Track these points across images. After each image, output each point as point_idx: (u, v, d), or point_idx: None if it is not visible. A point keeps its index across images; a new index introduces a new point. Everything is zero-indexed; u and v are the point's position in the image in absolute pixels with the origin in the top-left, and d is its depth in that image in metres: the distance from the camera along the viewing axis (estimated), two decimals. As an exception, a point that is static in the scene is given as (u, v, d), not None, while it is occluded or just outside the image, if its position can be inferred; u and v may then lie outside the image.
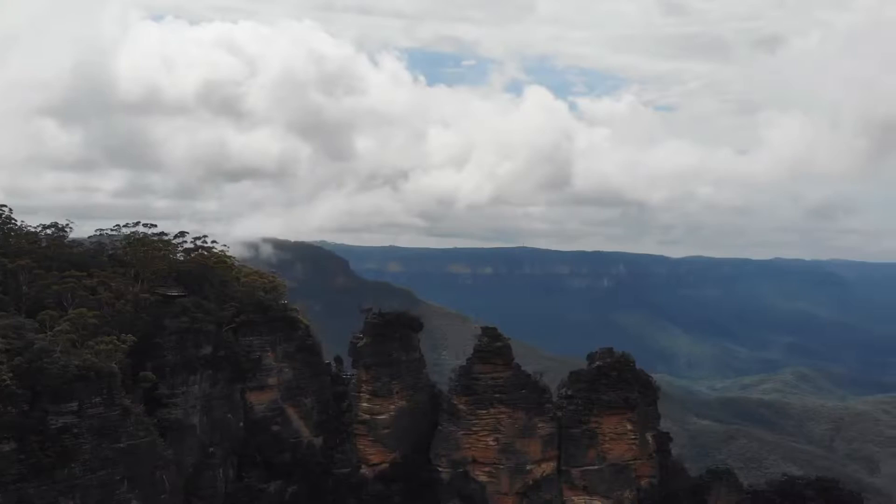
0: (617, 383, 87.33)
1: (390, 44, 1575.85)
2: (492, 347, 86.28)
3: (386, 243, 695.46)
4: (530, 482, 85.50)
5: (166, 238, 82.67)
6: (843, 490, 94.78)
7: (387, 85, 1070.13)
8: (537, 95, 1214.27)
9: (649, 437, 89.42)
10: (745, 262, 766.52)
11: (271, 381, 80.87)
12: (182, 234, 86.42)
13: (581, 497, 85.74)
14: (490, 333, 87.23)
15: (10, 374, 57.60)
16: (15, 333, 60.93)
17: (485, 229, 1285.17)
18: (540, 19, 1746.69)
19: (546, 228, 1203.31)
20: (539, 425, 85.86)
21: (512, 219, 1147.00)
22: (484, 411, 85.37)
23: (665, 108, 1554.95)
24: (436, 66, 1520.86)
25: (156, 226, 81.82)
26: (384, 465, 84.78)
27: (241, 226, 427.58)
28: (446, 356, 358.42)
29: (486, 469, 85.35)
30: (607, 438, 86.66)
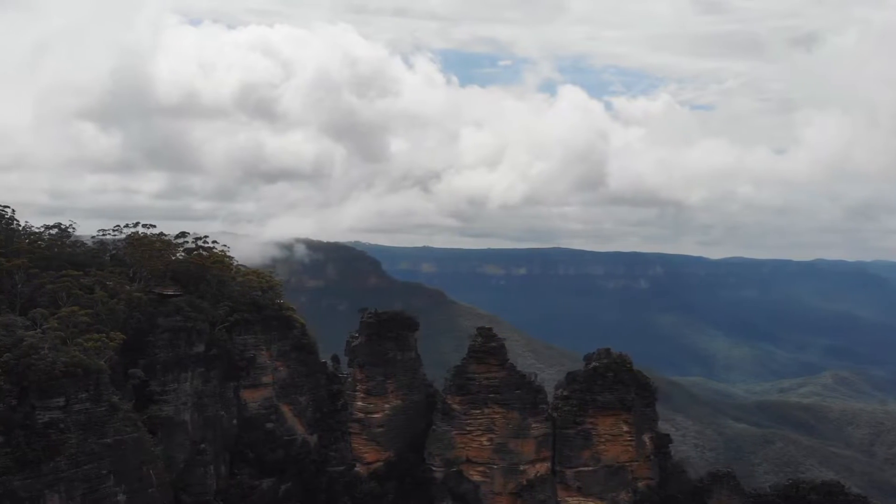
0: (613, 384, 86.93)
1: (425, 45, 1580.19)
2: (486, 347, 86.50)
3: (420, 244, 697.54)
4: (524, 482, 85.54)
5: (166, 238, 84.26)
6: (849, 495, 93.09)
7: (421, 86, 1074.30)
8: (572, 95, 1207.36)
9: (647, 438, 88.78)
10: (786, 263, 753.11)
11: (266, 379, 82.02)
12: (183, 234, 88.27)
13: (575, 498, 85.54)
14: (484, 333, 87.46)
15: (-1, 371, 59.49)
16: (5, 330, 62.74)
17: (519, 230, 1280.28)
18: (573, 19, 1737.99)
19: (582, 229, 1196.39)
20: (533, 426, 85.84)
21: (547, 219, 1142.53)
22: (478, 411, 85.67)
23: (702, 107, 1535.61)
24: (471, 67, 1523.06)
25: (154, 226, 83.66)
26: (378, 464, 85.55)
27: (275, 226, 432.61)
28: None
29: (480, 469, 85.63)
30: (603, 439, 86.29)
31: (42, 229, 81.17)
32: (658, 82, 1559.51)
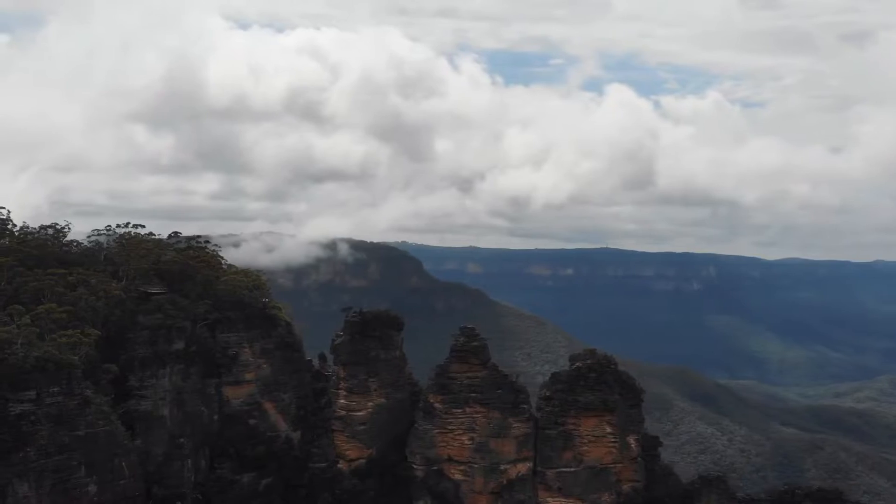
0: (595, 385, 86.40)
1: (472, 46, 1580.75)
2: (468, 347, 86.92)
3: (468, 244, 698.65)
4: (504, 482, 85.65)
5: (156, 238, 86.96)
6: (846, 501, 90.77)
7: (466, 86, 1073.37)
8: (619, 93, 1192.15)
9: (632, 440, 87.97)
10: (843, 265, 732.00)
11: (248, 376, 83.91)
12: (175, 234, 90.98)
13: (556, 499, 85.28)
14: (467, 333, 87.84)
15: (-28, 364, 62.40)
16: (-19, 326, 65.83)
17: (568, 230, 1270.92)
18: (620, 16, 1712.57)
19: (633, 229, 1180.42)
20: (514, 425, 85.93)
21: (596, 219, 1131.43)
22: (459, 410, 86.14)
23: (756, 104, 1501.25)
24: (522, 66, 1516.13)
25: (144, 226, 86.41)
26: (360, 461, 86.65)
27: (319, 226, 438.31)
28: (518, 357, 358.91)
29: (461, 468, 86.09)
30: (585, 440, 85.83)
31: (37, 230, 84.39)
32: (713, 79, 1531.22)
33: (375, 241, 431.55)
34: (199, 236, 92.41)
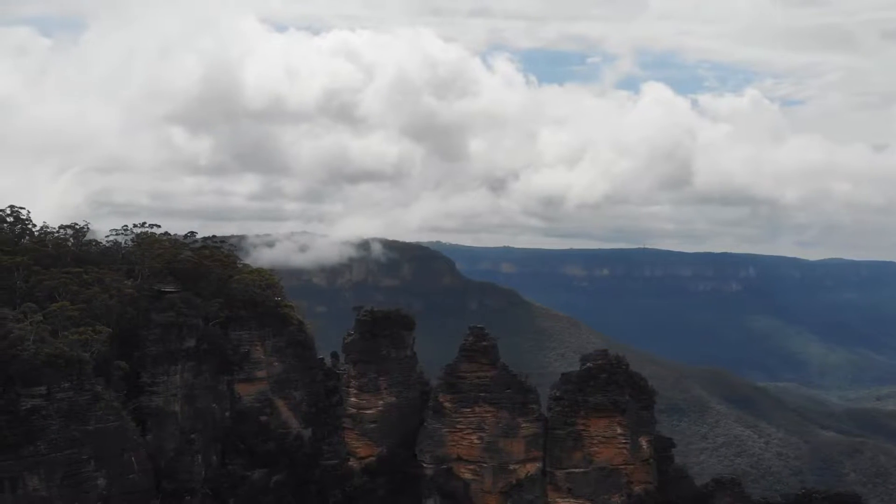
0: (606, 385, 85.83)
1: (507, 45, 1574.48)
2: (477, 346, 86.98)
3: (503, 244, 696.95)
4: (514, 482, 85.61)
5: (170, 237, 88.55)
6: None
7: (500, 86, 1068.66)
8: (655, 91, 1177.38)
9: (643, 441, 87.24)
10: (887, 265, 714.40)
11: (260, 373, 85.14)
12: (191, 234, 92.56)
13: (566, 499, 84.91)
14: (476, 332, 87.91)
15: (-15, 360, 64.34)
16: (-4, 322, 67.77)
17: (605, 230, 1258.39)
18: (657, 14, 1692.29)
19: (671, 229, 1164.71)
20: (523, 425, 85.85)
21: (634, 219, 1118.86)
22: (468, 409, 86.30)
23: (797, 102, 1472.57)
24: (557, 66, 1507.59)
25: (159, 226, 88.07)
26: (371, 459, 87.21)
27: (353, 226, 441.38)
28: (552, 358, 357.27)
29: (471, 467, 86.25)
30: (595, 441, 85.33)
31: (56, 230, 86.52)
32: (753, 77, 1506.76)
33: (409, 241, 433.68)
34: (214, 236, 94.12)
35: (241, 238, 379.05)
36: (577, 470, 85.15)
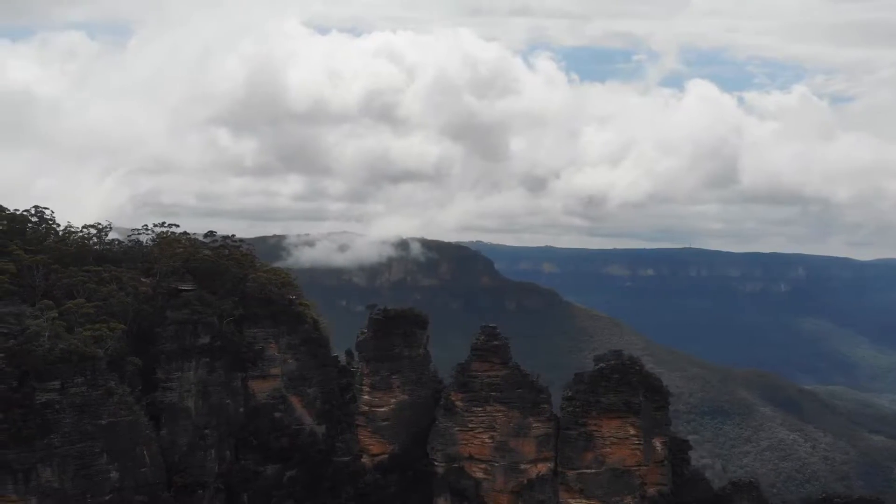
0: (618, 386, 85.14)
1: (549, 44, 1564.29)
2: (488, 346, 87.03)
3: (545, 243, 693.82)
4: (525, 481, 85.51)
5: (189, 237, 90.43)
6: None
7: (541, 85, 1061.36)
8: (702, 89, 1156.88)
9: (658, 443, 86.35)
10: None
11: (274, 370, 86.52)
12: (211, 233, 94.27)
13: (577, 500, 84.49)
14: (487, 332, 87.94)
15: (2, 355, 66.64)
16: (14, 319, 70.05)
17: (650, 229, 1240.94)
18: (701, 11, 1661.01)
19: (719, 228, 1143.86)
20: (534, 425, 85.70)
21: (680, 218, 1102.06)
22: (479, 408, 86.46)
23: (847, 99, 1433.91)
24: (600, 63, 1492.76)
25: (178, 226, 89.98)
26: (383, 456, 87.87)
27: (393, 226, 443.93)
28: (590, 359, 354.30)
29: (482, 466, 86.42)
30: (607, 442, 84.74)
31: (80, 229, 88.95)
32: (804, 73, 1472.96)
33: (450, 240, 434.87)
34: (232, 235, 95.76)
35: (282, 238, 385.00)
36: (588, 471, 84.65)
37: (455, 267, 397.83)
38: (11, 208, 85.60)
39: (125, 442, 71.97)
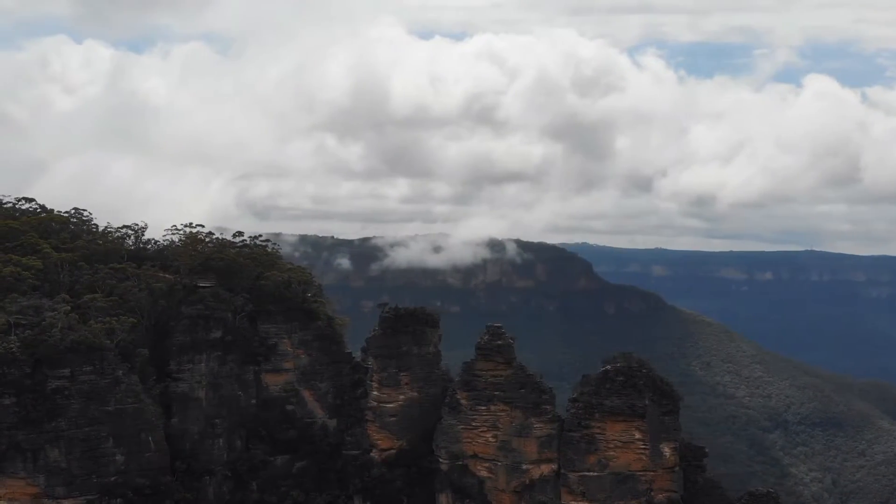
0: (622, 389, 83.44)
1: (660, 40, 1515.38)
2: (492, 345, 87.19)
3: (656, 245, 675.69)
4: (527, 482, 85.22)
5: (214, 237, 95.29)
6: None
7: (647, 82, 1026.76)
8: (820, 83, 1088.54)
9: (666, 448, 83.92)
10: None
11: (287, 365, 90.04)
12: (239, 233, 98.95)
13: (579, 502, 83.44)
14: (492, 331, 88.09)
15: (18, 344, 72.96)
16: (33, 311, 76.45)
17: (770, 230, 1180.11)
18: (825, 2, 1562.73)
19: (846, 230, 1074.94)
20: (536, 426, 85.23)
21: (802, 219, 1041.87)
22: (483, 407, 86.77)
23: None
24: (717, 59, 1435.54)
25: (203, 226, 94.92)
26: (391, 451, 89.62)
27: (491, 227, 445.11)
28: (696, 366, 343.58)
29: (486, 465, 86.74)
30: (611, 446, 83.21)
31: (113, 230, 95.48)
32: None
33: (553, 242, 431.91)
34: (259, 235, 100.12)
35: (381, 239, 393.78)
36: (590, 473, 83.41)
37: (551, 269, 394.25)
38: (119, 211, 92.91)
39: (131, 428, 77.05)
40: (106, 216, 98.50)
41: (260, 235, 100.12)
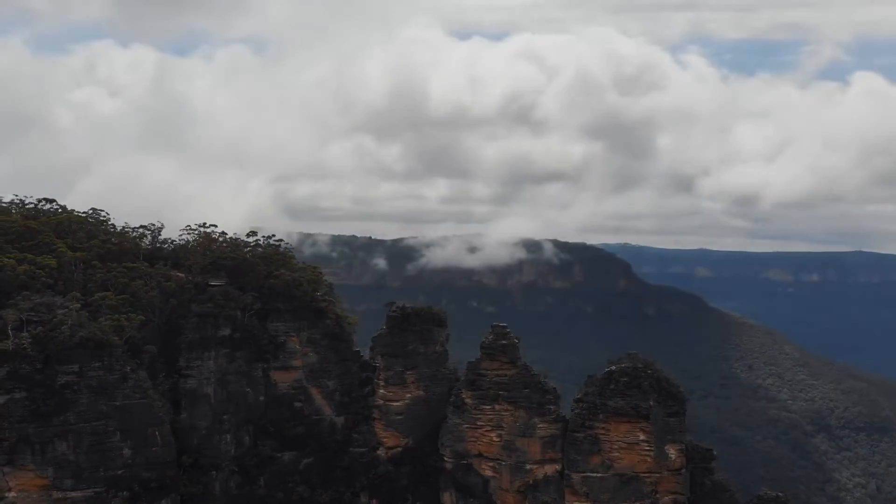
0: (626, 390, 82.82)
1: (706, 37, 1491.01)
2: (497, 345, 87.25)
3: (700, 245, 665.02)
4: (531, 482, 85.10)
5: (228, 237, 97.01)
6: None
7: (689, 80, 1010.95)
8: (868, 81, 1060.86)
9: (672, 450, 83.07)
10: None
11: (295, 362, 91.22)
12: (252, 233, 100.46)
13: (583, 503, 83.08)
14: (497, 331, 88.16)
15: (30, 340, 75.30)
16: (45, 309, 78.72)
17: (818, 231, 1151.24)
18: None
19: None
20: (539, 426, 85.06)
21: (852, 219, 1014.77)
22: (488, 407, 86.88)
23: None
24: (762, 56, 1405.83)
25: (216, 226, 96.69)
26: (397, 449, 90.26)
27: (528, 227, 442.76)
28: (738, 368, 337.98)
29: (491, 464, 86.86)
30: (615, 447, 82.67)
31: (131, 230, 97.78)
32: None
33: (593, 242, 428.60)
34: (272, 235, 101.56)
35: (417, 239, 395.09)
36: (594, 474, 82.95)
37: (589, 269, 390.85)
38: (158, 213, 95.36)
39: (138, 422, 78.81)
40: (146, 217, 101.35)
41: (272, 235, 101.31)
